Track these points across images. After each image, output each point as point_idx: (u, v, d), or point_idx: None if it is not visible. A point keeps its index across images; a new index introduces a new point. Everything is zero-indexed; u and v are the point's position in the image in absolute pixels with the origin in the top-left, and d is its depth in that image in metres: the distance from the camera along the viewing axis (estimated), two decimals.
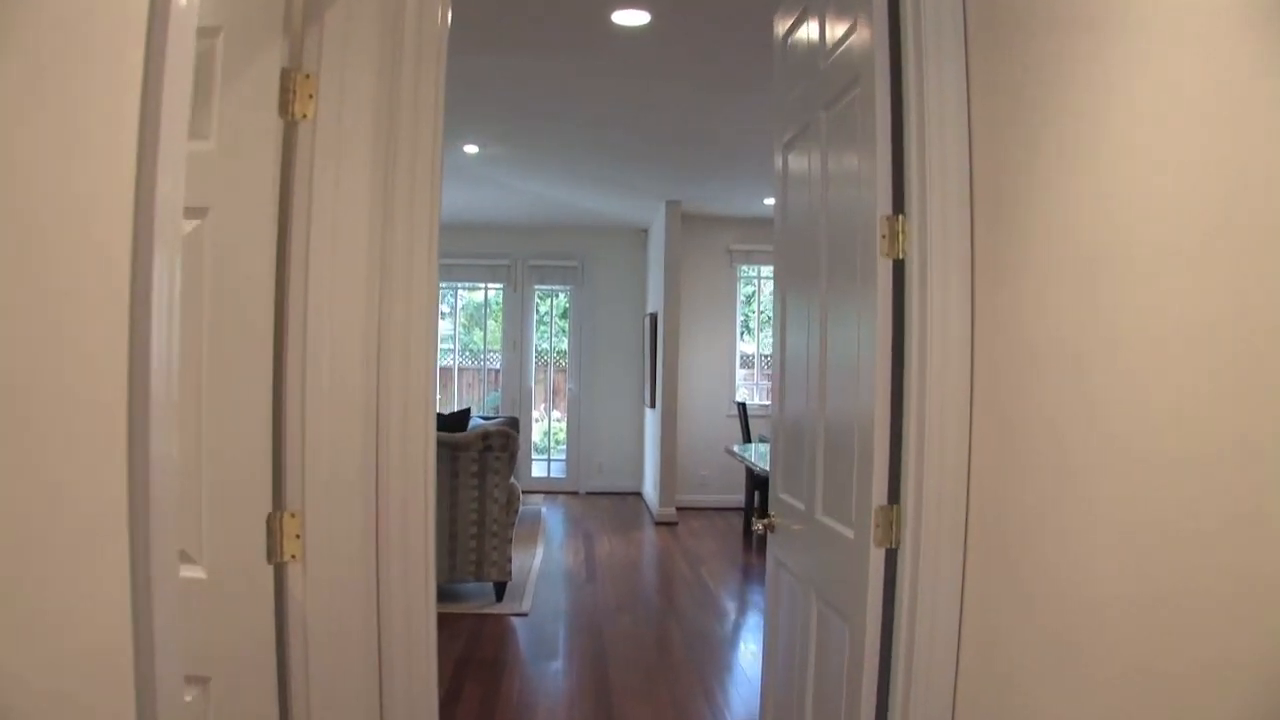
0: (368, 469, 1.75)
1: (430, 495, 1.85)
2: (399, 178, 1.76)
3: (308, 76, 1.71)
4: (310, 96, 1.71)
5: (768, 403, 9.58)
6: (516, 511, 5.43)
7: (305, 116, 1.71)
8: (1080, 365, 1.46)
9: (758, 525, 2.81)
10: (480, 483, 5.30)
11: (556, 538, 7.76)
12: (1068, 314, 1.50)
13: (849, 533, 2.13)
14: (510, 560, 5.44)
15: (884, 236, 1.99)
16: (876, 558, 2.00)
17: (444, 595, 5.49)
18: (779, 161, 2.80)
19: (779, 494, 2.74)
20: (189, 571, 1.65)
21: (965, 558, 1.89)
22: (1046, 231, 1.57)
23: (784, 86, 2.78)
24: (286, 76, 1.69)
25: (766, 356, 10.04)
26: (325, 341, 1.69)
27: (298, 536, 1.70)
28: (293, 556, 1.70)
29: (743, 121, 5.88)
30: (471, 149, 6.88)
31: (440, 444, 5.37)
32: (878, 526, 1.99)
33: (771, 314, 9.79)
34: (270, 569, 1.68)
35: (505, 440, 5.31)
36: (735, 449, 5.79)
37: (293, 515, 1.69)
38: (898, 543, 1.98)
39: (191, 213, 1.64)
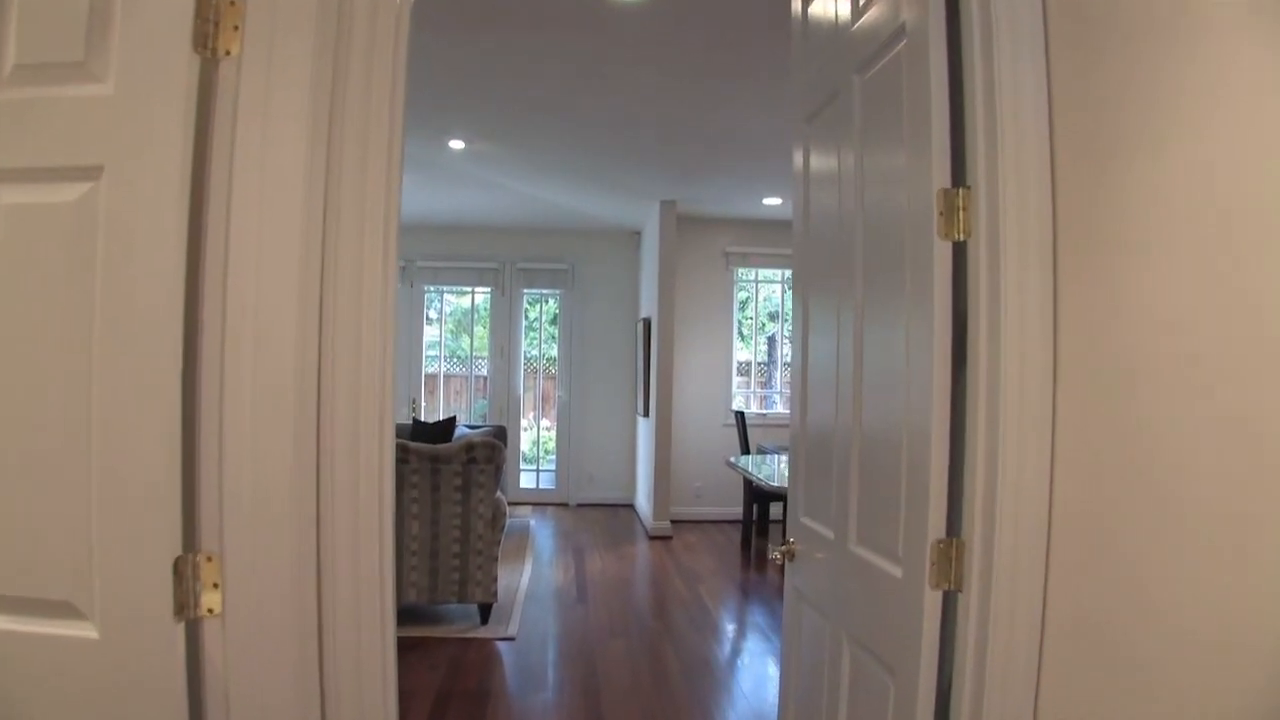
0: (306, 495, 1.39)
1: (388, 523, 1.50)
2: (348, 125, 1.41)
3: (232, 3, 1.36)
4: (235, 28, 1.36)
5: (765, 411, 9.24)
6: (503, 528, 5.07)
7: (229, 53, 1.36)
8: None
9: (775, 553, 2.46)
10: (464, 497, 4.94)
11: (545, 553, 7.40)
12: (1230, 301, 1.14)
13: (894, 570, 1.79)
14: (496, 580, 5.08)
15: (941, 214, 1.65)
16: (932, 601, 1.65)
17: (425, 618, 5.12)
18: (799, 144, 2.46)
19: (800, 518, 2.40)
20: (76, 629, 1.30)
21: (1046, 603, 1.55)
22: (1183, 193, 1.22)
23: (803, 62, 2.45)
24: (204, 2, 1.34)
25: (764, 364, 9.70)
26: (249, 333, 1.33)
27: (216, 586, 1.34)
28: (210, 611, 1.34)
29: (743, 115, 5.55)
30: (457, 144, 6.53)
31: (421, 456, 5.03)
32: (934, 564, 1.65)
33: (768, 319, 9.46)
34: (181, 627, 1.32)
35: (491, 452, 4.95)
36: (735, 461, 5.44)
37: (209, 559, 1.34)
38: (959, 584, 1.63)
39: (79, 173, 1.30)
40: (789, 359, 9.67)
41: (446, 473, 4.90)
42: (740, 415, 7.71)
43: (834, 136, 2.18)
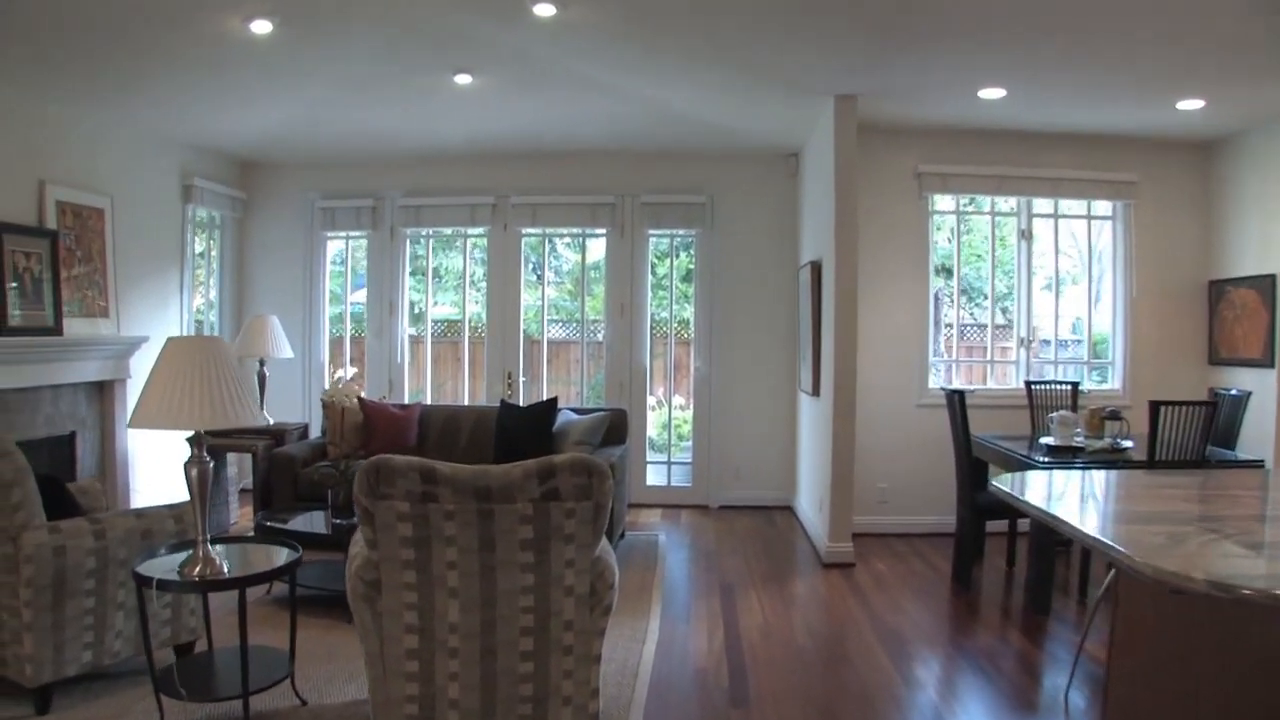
0: None
1: None
2: None
3: None
4: None
5: (978, 386, 6.86)
6: (609, 608, 2.99)
7: None
8: None
9: None
10: (539, 559, 2.87)
11: (679, 592, 5.31)
12: None
13: None
14: (597, 692, 3.02)
15: None
16: None
17: None
18: None
19: None
20: None
21: None
22: None
23: None
24: None
25: (974, 326, 7.31)
26: None
27: None
28: None
29: None
30: (545, 9, 4.44)
31: (460, 490, 2.33)
32: None
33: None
34: None
35: (586, 480, 2.85)
36: (1027, 499, 3.05)
37: None
38: None
39: None
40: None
41: (506, 518, 2.83)
42: (958, 396, 5.39)
43: None
